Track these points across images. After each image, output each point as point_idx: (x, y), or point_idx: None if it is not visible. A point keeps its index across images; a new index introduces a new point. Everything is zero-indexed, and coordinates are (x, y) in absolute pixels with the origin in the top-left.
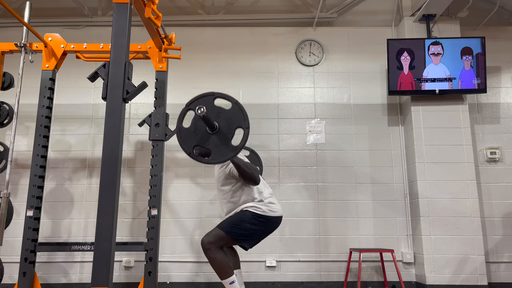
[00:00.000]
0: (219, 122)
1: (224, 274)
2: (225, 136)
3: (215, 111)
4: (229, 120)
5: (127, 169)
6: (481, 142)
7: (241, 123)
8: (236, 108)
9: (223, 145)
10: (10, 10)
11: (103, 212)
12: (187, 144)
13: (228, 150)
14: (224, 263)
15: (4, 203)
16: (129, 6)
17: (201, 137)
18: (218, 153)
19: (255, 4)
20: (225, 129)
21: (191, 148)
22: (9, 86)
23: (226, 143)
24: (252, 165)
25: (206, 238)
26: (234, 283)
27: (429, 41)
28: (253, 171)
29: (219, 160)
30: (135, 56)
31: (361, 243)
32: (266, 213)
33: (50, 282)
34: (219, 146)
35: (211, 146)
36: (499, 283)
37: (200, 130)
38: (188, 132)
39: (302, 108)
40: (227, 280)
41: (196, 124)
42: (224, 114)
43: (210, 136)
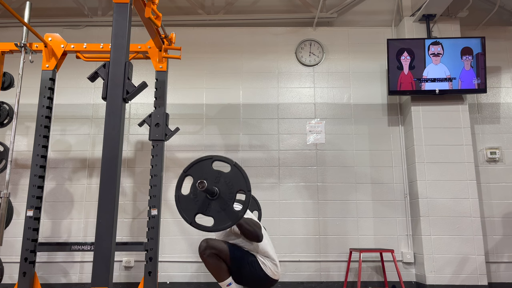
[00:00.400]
0: (219, 187)
1: (221, 277)
2: (225, 202)
3: (214, 175)
4: (229, 184)
5: (127, 169)
6: (481, 142)
7: (242, 186)
8: (236, 170)
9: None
10: (10, 10)
11: (103, 212)
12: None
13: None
14: (221, 266)
15: (4, 203)
16: (129, 6)
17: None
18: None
19: (255, 4)
20: (226, 194)
21: (192, 217)
22: (9, 86)
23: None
24: (254, 222)
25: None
26: (231, 285)
27: (429, 41)
28: (255, 228)
29: (221, 227)
30: (135, 56)
31: (361, 243)
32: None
33: (50, 282)
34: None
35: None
36: (499, 283)
37: (200, 197)
38: (187, 199)
39: (302, 108)
40: (224, 282)
41: (196, 191)
42: (223, 178)
43: (211, 202)
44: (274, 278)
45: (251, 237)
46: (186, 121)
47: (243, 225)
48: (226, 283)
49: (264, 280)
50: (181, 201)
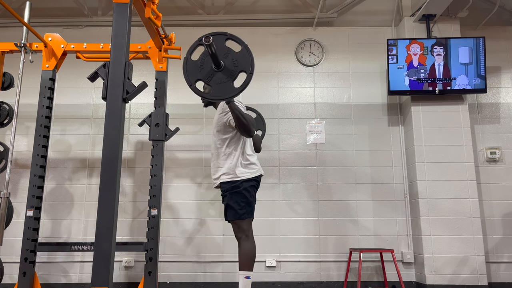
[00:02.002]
0: (226, 62)
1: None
2: (228, 76)
3: (224, 51)
4: (236, 62)
5: (127, 169)
6: (481, 142)
7: (246, 67)
8: (245, 52)
9: (225, 84)
10: (10, 10)
11: (103, 212)
12: (191, 76)
13: (229, 89)
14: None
15: (4, 203)
16: (129, 6)
17: (206, 73)
18: (219, 90)
19: (255, 4)
20: (230, 70)
21: (193, 81)
22: (9, 86)
23: (229, 83)
24: (249, 117)
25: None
26: (249, 278)
27: (429, 41)
28: (248, 122)
29: (219, 96)
30: (135, 56)
31: (361, 243)
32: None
33: (50, 282)
34: (221, 84)
35: (213, 82)
36: (499, 283)
37: (206, 66)
38: (194, 65)
39: (302, 108)
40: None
41: (204, 60)
42: (232, 56)
43: (215, 73)
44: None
45: (243, 129)
46: (186, 121)
47: (238, 115)
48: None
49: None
50: (188, 65)
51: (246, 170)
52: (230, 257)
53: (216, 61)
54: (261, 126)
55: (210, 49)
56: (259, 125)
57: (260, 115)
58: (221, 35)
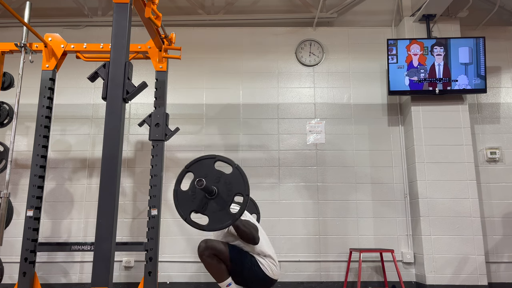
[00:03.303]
0: (219, 187)
1: (220, 277)
2: (223, 202)
3: (215, 175)
4: (229, 186)
5: (127, 169)
6: (481, 142)
7: (241, 189)
8: (237, 173)
9: (221, 212)
10: (10, 10)
11: (103, 212)
12: (183, 209)
13: (225, 217)
14: (220, 266)
15: (4, 203)
16: (129, 6)
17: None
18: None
19: (255, 4)
20: (224, 195)
21: (187, 214)
22: (9, 86)
23: (224, 210)
24: (250, 224)
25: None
26: (231, 285)
27: (429, 41)
28: (251, 230)
29: (216, 227)
30: (135, 56)
31: (361, 243)
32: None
33: (50, 282)
34: (217, 212)
35: (208, 212)
36: (499, 283)
37: (198, 195)
38: (185, 195)
39: (302, 108)
40: (224, 283)
41: (195, 188)
42: (224, 179)
43: (208, 202)
44: (273, 278)
45: (247, 239)
46: (186, 121)
47: (239, 227)
48: (225, 283)
49: (263, 280)
50: (179, 196)
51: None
52: None
53: (209, 191)
54: (254, 210)
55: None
56: (252, 209)
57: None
58: (210, 158)
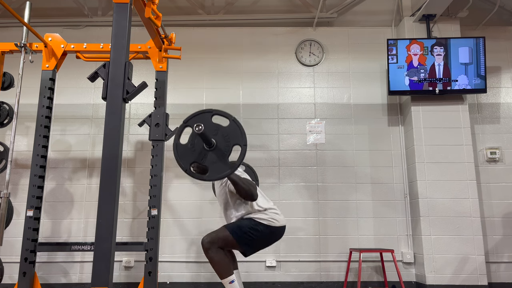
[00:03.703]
0: (217, 139)
1: (224, 274)
2: (222, 153)
3: (212, 128)
4: (227, 137)
5: (127, 169)
6: (481, 142)
7: (238, 140)
8: (234, 125)
9: (220, 162)
10: (10, 10)
11: (103, 212)
12: (184, 160)
13: (225, 167)
14: (224, 262)
15: (4, 203)
16: (129, 6)
17: (198, 154)
18: (215, 170)
19: (255, 4)
20: (223, 146)
21: (188, 165)
22: (9, 86)
23: (223, 160)
24: (249, 181)
25: (207, 238)
26: (233, 282)
27: (429, 41)
28: (249, 187)
29: (216, 177)
30: (135, 56)
31: (361, 243)
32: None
33: (50, 282)
34: (216, 163)
35: (208, 163)
36: (499, 283)
37: (198, 147)
38: (185, 148)
39: (302, 108)
40: (227, 279)
41: (194, 141)
42: (221, 132)
43: (207, 153)
44: (280, 225)
45: (245, 195)
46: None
47: (238, 183)
48: (228, 280)
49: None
50: (178, 149)
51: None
52: None
53: (208, 141)
54: (252, 177)
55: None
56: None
57: (250, 167)
58: (207, 112)
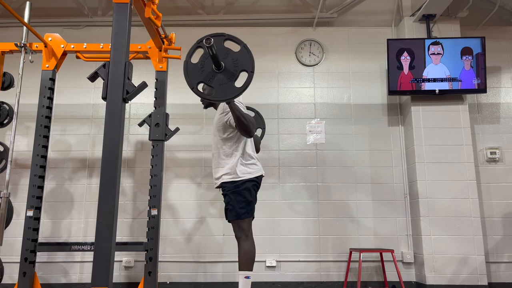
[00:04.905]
0: (226, 63)
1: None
2: (229, 76)
3: (223, 51)
4: (236, 62)
5: (127, 169)
6: (481, 142)
7: (246, 66)
8: (244, 51)
9: (227, 84)
10: (10, 10)
11: (103, 212)
12: (192, 79)
13: (231, 90)
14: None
15: (4, 203)
16: (129, 6)
17: (206, 75)
18: (221, 91)
19: (255, 4)
20: (231, 70)
21: (195, 83)
22: (9, 86)
23: (230, 83)
24: (249, 116)
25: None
26: (249, 278)
27: (429, 41)
28: (249, 122)
29: (221, 97)
30: (135, 56)
31: (361, 243)
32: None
33: (50, 282)
34: (223, 85)
35: (215, 84)
36: (499, 283)
37: (207, 68)
38: (195, 67)
39: (302, 108)
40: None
41: (204, 62)
42: (231, 56)
43: (216, 75)
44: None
45: (244, 129)
46: (186, 121)
47: (238, 115)
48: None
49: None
50: (188, 68)
51: (247, 170)
52: (230, 257)
53: (217, 62)
54: (260, 125)
55: (210, 51)
56: (259, 124)
57: (259, 114)
58: (220, 36)
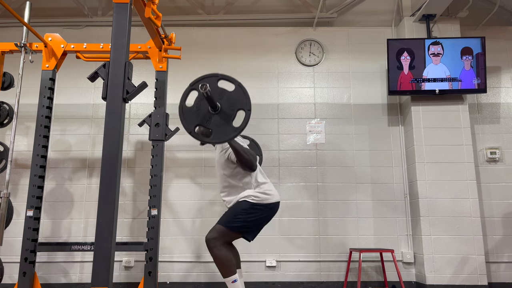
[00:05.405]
0: (222, 103)
1: (227, 272)
2: (226, 117)
3: (218, 92)
4: (231, 102)
5: (127, 169)
6: (481, 142)
7: (243, 105)
8: (239, 90)
9: (224, 126)
10: (10, 10)
11: (103, 212)
12: (189, 122)
13: (229, 131)
14: (228, 261)
15: (4, 203)
16: (129, 6)
17: (203, 117)
18: (219, 133)
19: (255, 4)
20: (227, 110)
21: (192, 127)
22: (9, 86)
23: (228, 124)
24: (250, 151)
25: (210, 235)
26: (236, 281)
27: (429, 41)
28: (250, 157)
29: (220, 140)
30: (135, 56)
31: (361, 243)
32: (263, 201)
33: (50, 282)
34: (221, 126)
35: (212, 126)
36: (499, 283)
37: (203, 110)
38: (190, 111)
39: (302, 108)
40: (229, 278)
41: (199, 104)
42: (227, 96)
43: (212, 116)
44: (275, 201)
45: (245, 164)
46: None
47: (239, 151)
48: (231, 279)
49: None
50: (184, 112)
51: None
52: None
53: (213, 104)
54: (257, 152)
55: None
56: (256, 151)
57: (255, 142)
58: (213, 76)
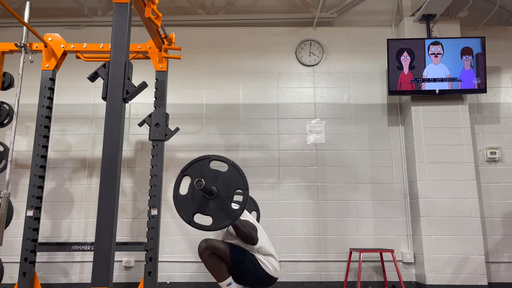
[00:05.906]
0: (217, 186)
1: (221, 276)
2: (223, 201)
3: (211, 174)
4: (227, 183)
5: (127, 169)
6: (481, 142)
7: (239, 185)
8: (233, 170)
9: (222, 210)
10: (10, 10)
11: (103, 212)
12: (186, 212)
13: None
14: (220, 266)
15: (4, 203)
16: (129, 6)
17: (199, 204)
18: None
19: (255, 4)
20: (224, 193)
21: (191, 216)
22: (9, 86)
23: (226, 208)
24: (249, 224)
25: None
26: (231, 284)
27: (429, 41)
28: (250, 231)
29: (220, 226)
30: (135, 56)
31: (361, 243)
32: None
33: (50, 282)
34: (219, 211)
35: (210, 212)
36: (499, 283)
37: (198, 196)
38: (185, 199)
39: (302, 108)
40: (224, 282)
41: (194, 190)
42: (221, 177)
43: (209, 202)
44: (274, 276)
45: (246, 239)
46: (186, 121)
47: (238, 226)
48: (226, 283)
49: (265, 279)
50: (179, 200)
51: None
52: None
53: (208, 191)
54: (253, 208)
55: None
56: (251, 208)
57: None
58: (205, 159)
